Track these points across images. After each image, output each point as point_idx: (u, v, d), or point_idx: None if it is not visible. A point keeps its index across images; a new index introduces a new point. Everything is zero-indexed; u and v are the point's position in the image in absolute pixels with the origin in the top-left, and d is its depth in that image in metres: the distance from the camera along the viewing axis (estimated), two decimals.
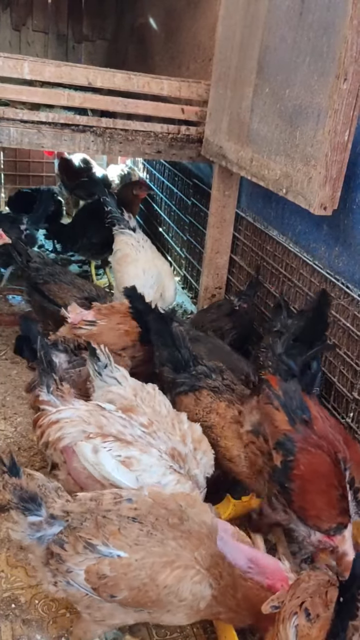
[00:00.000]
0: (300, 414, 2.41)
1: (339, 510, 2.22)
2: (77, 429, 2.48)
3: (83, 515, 2.01)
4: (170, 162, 6.23)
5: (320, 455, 2.30)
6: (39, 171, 7.59)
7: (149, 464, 2.36)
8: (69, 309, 3.56)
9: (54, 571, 1.98)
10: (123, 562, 1.93)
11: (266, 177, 3.31)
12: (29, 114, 3.92)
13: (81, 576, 1.94)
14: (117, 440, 2.42)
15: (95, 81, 3.91)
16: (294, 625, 1.74)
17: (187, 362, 3.08)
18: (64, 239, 5.74)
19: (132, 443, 2.42)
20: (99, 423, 2.51)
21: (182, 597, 1.97)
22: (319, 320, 2.60)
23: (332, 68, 2.72)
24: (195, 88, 4.18)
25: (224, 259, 4.62)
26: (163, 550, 1.98)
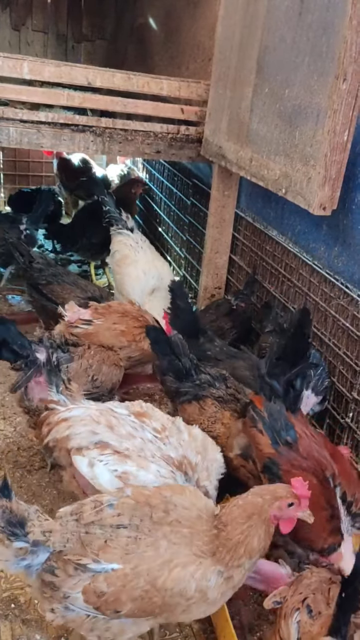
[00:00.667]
0: (285, 435, 2.41)
1: (329, 532, 2.20)
2: (86, 429, 2.45)
3: (64, 536, 1.94)
4: (170, 162, 6.22)
5: (306, 476, 2.24)
6: (38, 171, 7.59)
7: (145, 481, 2.30)
8: (67, 307, 3.57)
9: (50, 599, 1.91)
10: (118, 574, 1.87)
11: (265, 177, 3.31)
12: (29, 114, 3.92)
13: (80, 599, 1.87)
14: (114, 454, 2.37)
15: (95, 81, 3.91)
16: (296, 621, 1.75)
17: (189, 370, 3.07)
18: (63, 239, 5.74)
19: (130, 457, 2.36)
20: (110, 423, 2.47)
21: (189, 596, 1.90)
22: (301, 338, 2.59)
23: (332, 68, 2.72)
24: (194, 88, 4.18)
25: (224, 259, 4.62)
26: (156, 553, 1.92)
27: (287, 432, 2.42)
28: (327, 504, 2.22)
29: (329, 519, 2.21)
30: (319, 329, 3.46)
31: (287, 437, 2.41)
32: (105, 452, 2.38)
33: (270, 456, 2.37)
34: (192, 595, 1.90)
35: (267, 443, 2.40)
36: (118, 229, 4.64)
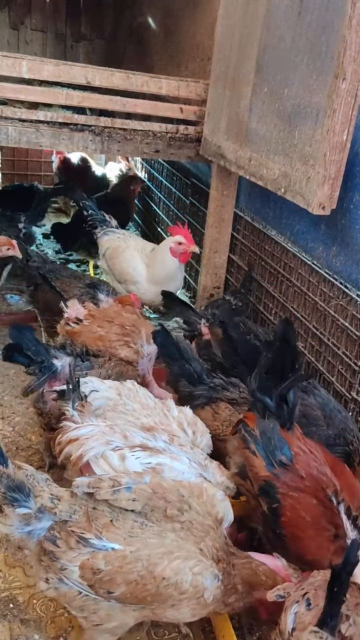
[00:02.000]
0: (279, 455, 2.30)
1: (333, 552, 2.14)
2: (99, 442, 2.42)
3: (72, 507, 1.97)
4: (169, 162, 6.22)
5: (304, 498, 2.21)
6: (37, 170, 7.60)
7: (181, 471, 2.32)
8: (69, 304, 3.61)
9: (47, 568, 1.94)
10: (118, 554, 1.89)
11: (265, 176, 3.31)
12: (27, 113, 3.92)
13: (76, 573, 1.89)
14: (145, 450, 2.38)
15: (94, 80, 3.91)
16: (293, 612, 1.75)
17: (200, 374, 3.06)
18: (63, 239, 5.74)
19: (161, 452, 2.39)
20: (124, 434, 2.48)
21: (183, 590, 1.92)
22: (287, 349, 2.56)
23: (331, 67, 2.71)
24: (193, 87, 4.18)
25: (223, 259, 4.62)
26: (160, 542, 1.94)
27: (282, 451, 2.31)
28: (329, 524, 2.16)
29: (332, 539, 2.15)
30: (317, 329, 3.46)
31: (281, 457, 2.30)
32: (136, 449, 2.38)
33: (266, 479, 2.29)
34: (186, 589, 1.93)
35: (261, 465, 2.31)
36: (103, 230, 4.71)
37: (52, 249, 6.35)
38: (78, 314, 3.57)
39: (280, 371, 2.46)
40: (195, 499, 2.10)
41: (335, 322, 3.29)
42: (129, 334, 3.42)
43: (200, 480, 2.36)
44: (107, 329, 3.46)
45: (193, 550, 1.97)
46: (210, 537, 2.03)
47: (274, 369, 2.47)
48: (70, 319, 3.55)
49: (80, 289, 4.05)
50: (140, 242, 4.72)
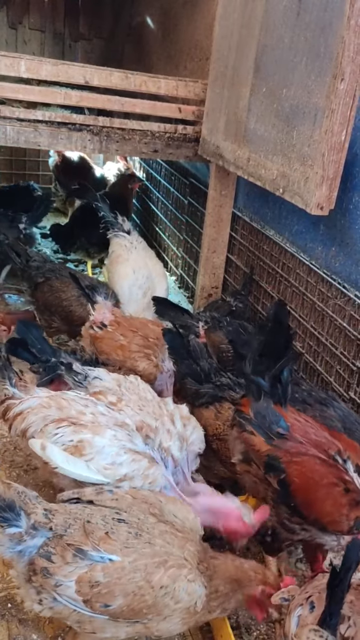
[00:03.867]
0: (275, 427, 2.37)
1: (347, 506, 2.18)
2: (39, 416, 2.52)
3: (67, 521, 1.96)
4: (167, 162, 6.22)
5: (307, 460, 2.26)
6: (35, 170, 7.57)
7: (101, 445, 2.39)
8: (96, 307, 3.63)
9: (39, 588, 1.90)
10: (116, 566, 1.88)
11: (263, 176, 3.31)
12: (26, 113, 3.91)
13: (71, 588, 1.86)
14: (70, 425, 2.45)
15: (92, 80, 3.91)
16: (297, 615, 1.76)
17: (208, 374, 3.07)
18: (62, 240, 5.73)
19: (86, 426, 2.44)
20: (59, 405, 2.56)
21: (179, 599, 1.93)
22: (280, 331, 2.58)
23: (330, 68, 2.72)
24: (192, 87, 4.18)
25: (221, 259, 4.62)
26: (153, 551, 1.95)
27: (278, 424, 2.39)
28: (337, 479, 2.20)
29: (344, 493, 2.18)
30: (315, 329, 3.46)
31: (278, 429, 2.37)
32: (62, 425, 2.45)
33: (268, 453, 2.34)
34: (181, 597, 1.94)
35: (261, 442, 2.37)
36: (114, 233, 4.65)
37: (51, 249, 6.34)
38: (104, 319, 3.58)
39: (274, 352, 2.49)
40: (171, 505, 2.16)
41: (333, 322, 3.29)
42: (150, 347, 3.42)
43: (127, 455, 2.41)
44: (129, 338, 3.47)
45: (179, 555, 1.99)
46: (191, 543, 2.05)
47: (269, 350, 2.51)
48: (96, 322, 3.57)
49: (78, 290, 4.05)
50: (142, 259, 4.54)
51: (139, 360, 3.41)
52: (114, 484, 2.33)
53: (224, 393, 2.97)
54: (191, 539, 2.08)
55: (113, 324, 3.57)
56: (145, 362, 3.39)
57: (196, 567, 2.02)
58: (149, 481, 2.39)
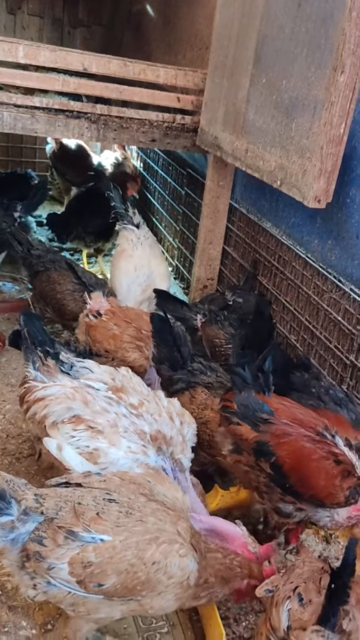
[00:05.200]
0: (260, 413, 2.42)
1: (340, 476, 2.23)
2: (61, 406, 2.51)
3: (57, 504, 1.97)
4: (165, 151, 6.18)
5: (295, 438, 2.32)
6: (31, 157, 7.52)
7: (116, 458, 2.38)
8: (92, 296, 3.65)
9: (32, 573, 1.91)
10: (107, 545, 1.91)
11: (261, 168, 3.30)
12: (23, 99, 3.87)
13: (64, 570, 1.88)
14: (88, 429, 2.43)
15: (91, 67, 3.87)
16: (286, 609, 1.76)
17: (186, 360, 3.10)
18: (58, 229, 5.69)
19: (102, 432, 2.43)
20: (85, 399, 2.54)
21: (171, 574, 1.96)
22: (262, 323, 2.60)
23: (330, 60, 2.70)
24: (191, 77, 4.15)
25: (217, 250, 4.61)
26: (144, 528, 1.97)
27: (261, 409, 2.43)
28: (327, 453, 2.25)
29: (335, 465, 2.23)
30: (310, 322, 3.47)
31: (262, 415, 2.41)
32: (79, 428, 2.44)
33: (256, 439, 2.38)
34: (174, 573, 1.97)
35: (247, 430, 2.41)
36: (123, 225, 4.60)
37: (46, 237, 6.31)
38: (100, 307, 3.60)
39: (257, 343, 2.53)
40: (160, 485, 2.18)
41: (328, 315, 3.29)
42: (143, 339, 3.41)
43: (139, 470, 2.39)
44: (122, 329, 3.47)
45: (172, 531, 2.01)
46: (183, 520, 2.08)
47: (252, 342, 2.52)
48: (92, 311, 3.59)
49: (74, 284, 4.03)
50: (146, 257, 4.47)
51: (130, 351, 3.41)
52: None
53: (196, 378, 3.01)
54: (183, 517, 2.10)
55: (108, 314, 3.58)
56: (136, 353, 3.40)
57: (189, 542, 2.04)
58: None
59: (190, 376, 3.02)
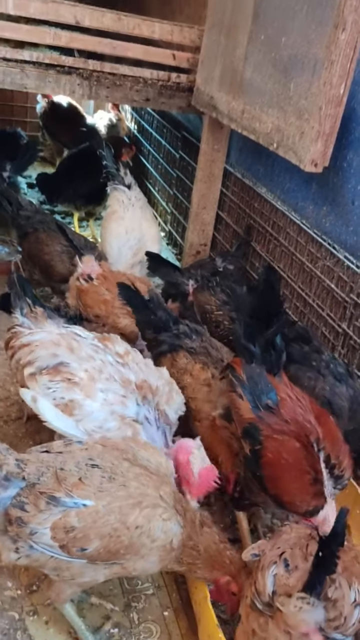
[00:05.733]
0: (265, 399, 2.33)
1: (312, 495, 2.19)
2: (47, 352, 2.49)
3: (39, 469, 1.96)
4: (159, 113, 6.04)
5: (288, 441, 2.23)
6: (22, 116, 7.33)
7: (91, 410, 2.37)
8: (83, 260, 3.57)
9: (15, 537, 1.91)
10: (90, 510, 1.91)
11: (257, 130, 3.20)
12: (12, 52, 3.74)
13: (46, 535, 1.88)
14: (64, 381, 2.41)
15: (84, 20, 3.73)
16: (272, 574, 1.77)
17: (167, 323, 3.04)
18: (47, 190, 5.57)
19: (78, 384, 2.40)
20: (70, 346, 2.52)
21: (155, 537, 1.97)
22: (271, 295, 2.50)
23: (331, 17, 2.60)
24: (187, 33, 4.01)
25: (211, 215, 4.53)
26: (127, 493, 1.97)
27: (268, 395, 2.33)
28: (310, 468, 2.20)
29: (313, 482, 2.19)
30: (303, 290, 3.43)
31: (267, 401, 2.32)
32: (55, 379, 2.41)
33: (251, 421, 2.31)
34: (157, 536, 1.97)
35: (247, 408, 2.33)
36: (114, 185, 4.48)
37: (37, 199, 6.19)
38: (92, 271, 3.52)
39: (265, 317, 2.42)
40: (143, 450, 2.17)
41: (321, 283, 3.25)
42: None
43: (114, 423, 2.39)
44: (113, 294, 3.40)
45: (155, 495, 2.01)
46: (166, 485, 2.08)
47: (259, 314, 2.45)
48: (83, 275, 3.51)
49: (62, 246, 3.97)
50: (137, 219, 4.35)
51: (122, 317, 3.37)
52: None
53: (180, 341, 2.96)
54: (166, 481, 2.10)
55: (99, 278, 3.52)
56: (127, 319, 3.34)
57: (173, 506, 2.04)
58: None
59: (174, 339, 2.97)
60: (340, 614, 1.67)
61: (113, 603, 2.33)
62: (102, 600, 2.33)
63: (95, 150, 5.03)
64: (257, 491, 2.37)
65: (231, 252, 4.20)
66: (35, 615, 2.25)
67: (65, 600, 2.09)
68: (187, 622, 2.31)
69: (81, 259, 3.59)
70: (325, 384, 2.73)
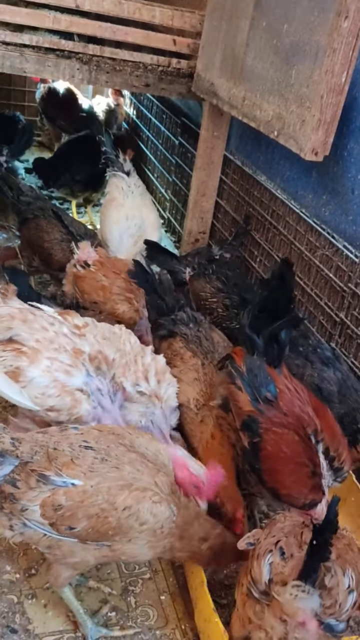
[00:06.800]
0: (264, 391, 2.31)
1: (310, 488, 2.18)
2: (2, 325, 2.51)
3: (33, 448, 2.00)
4: (159, 99, 5.99)
5: (287, 434, 2.23)
6: (20, 100, 7.26)
7: (33, 376, 2.41)
8: (80, 246, 3.56)
9: (9, 514, 1.97)
10: (78, 489, 1.94)
11: (258, 117, 3.19)
12: (12, 36, 3.70)
13: (37, 512, 1.93)
14: (14, 350, 2.45)
15: (84, 4, 3.69)
16: (268, 562, 1.79)
17: (172, 309, 3.08)
18: (45, 174, 5.53)
19: (26, 353, 2.44)
20: (25, 318, 2.54)
21: (143, 520, 1.98)
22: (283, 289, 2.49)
23: (334, 4, 2.58)
24: (188, 18, 3.97)
25: (210, 203, 4.51)
26: (119, 475, 1.99)
27: (267, 387, 2.32)
28: (308, 461, 2.20)
29: (311, 475, 2.19)
30: (301, 279, 3.43)
31: (267, 394, 2.31)
32: (7, 349, 2.45)
33: (250, 414, 2.30)
34: (146, 519, 1.98)
35: (246, 400, 2.32)
36: (113, 172, 4.46)
37: (35, 184, 6.15)
38: (88, 257, 3.51)
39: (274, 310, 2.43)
40: (142, 438, 2.19)
41: (319, 272, 3.26)
42: (132, 291, 3.36)
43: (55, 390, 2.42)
44: (111, 280, 3.41)
45: (148, 481, 2.03)
46: (162, 474, 2.09)
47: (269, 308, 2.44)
48: (80, 261, 3.50)
49: (62, 234, 3.95)
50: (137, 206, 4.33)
51: (119, 303, 3.37)
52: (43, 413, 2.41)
53: (176, 327, 2.99)
54: (164, 471, 2.10)
55: (96, 264, 3.51)
56: (125, 305, 3.35)
57: (167, 494, 2.04)
58: (74, 417, 2.44)
59: (172, 324, 3.01)
60: (335, 601, 1.70)
61: (111, 587, 2.36)
62: (100, 584, 2.36)
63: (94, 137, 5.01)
64: (254, 483, 2.38)
65: (229, 240, 4.20)
66: (33, 598, 2.27)
67: (63, 583, 2.11)
68: (184, 606, 2.34)
69: (77, 245, 3.59)
70: (313, 370, 2.76)
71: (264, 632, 1.77)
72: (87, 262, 3.50)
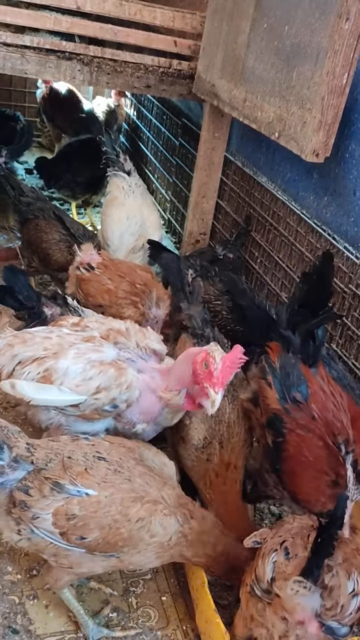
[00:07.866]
0: (295, 391, 2.24)
1: (328, 497, 2.11)
2: (6, 357, 2.46)
3: (48, 455, 1.99)
4: (160, 100, 6.00)
5: (311, 438, 2.17)
6: (21, 101, 7.27)
7: (65, 367, 2.34)
8: (82, 248, 3.53)
9: (18, 520, 1.95)
10: (92, 500, 1.93)
11: (259, 119, 3.19)
12: (13, 37, 3.70)
13: (48, 521, 1.91)
14: (33, 362, 2.39)
15: (85, 5, 3.69)
16: (272, 561, 1.80)
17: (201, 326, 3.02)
18: (46, 175, 5.54)
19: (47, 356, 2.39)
20: (23, 339, 2.49)
21: (154, 532, 1.98)
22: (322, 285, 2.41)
23: (335, 6, 2.58)
24: (189, 19, 3.98)
25: (210, 204, 4.52)
26: (131, 487, 1.99)
27: (298, 387, 2.24)
28: (330, 469, 2.12)
29: (331, 484, 2.12)
30: None
31: (296, 394, 2.24)
32: (26, 364, 2.40)
33: (276, 412, 2.24)
34: (157, 531, 1.99)
35: (274, 398, 2.26)
36: (114, 171, 4.45)
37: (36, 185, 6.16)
38: (91, 260, 3.48)
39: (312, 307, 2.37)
40: (148, 450, 2.20)
41: None
42: (138, 294, 3.34)
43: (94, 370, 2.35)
44: (116, 283, 3.37)
45: (157, 495, 2.03)
46: (168, 487, 2.10)
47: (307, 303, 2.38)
48: (83, 263, 3.47)
49: (61, 235, 3.95)
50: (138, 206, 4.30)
51: (126, 307, 3.34)
52: (92, 399, 2.30)
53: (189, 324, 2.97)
54: (170, 484, 2.12)
55: (100, 267, 3.48)
56: (131, 309, 3.32)
57: (173, 507, 2.05)
58: (125, 387, 2.34)
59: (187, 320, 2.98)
60: (336, 602, 1.70)
61: (112, 588, 2.36)
62: (101, 585, 2.36)
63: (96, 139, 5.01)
64: (273, 484, 2.33)
65: (231, 241, 4.21)
66: (35, 599, 2.28)
67: (63, 586, 2.11)
68: (185, 607, 2.34)
69: (80, 247, 3.57)
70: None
71: (265, 629, 1.78)
72: (90, 264, 3.47)
